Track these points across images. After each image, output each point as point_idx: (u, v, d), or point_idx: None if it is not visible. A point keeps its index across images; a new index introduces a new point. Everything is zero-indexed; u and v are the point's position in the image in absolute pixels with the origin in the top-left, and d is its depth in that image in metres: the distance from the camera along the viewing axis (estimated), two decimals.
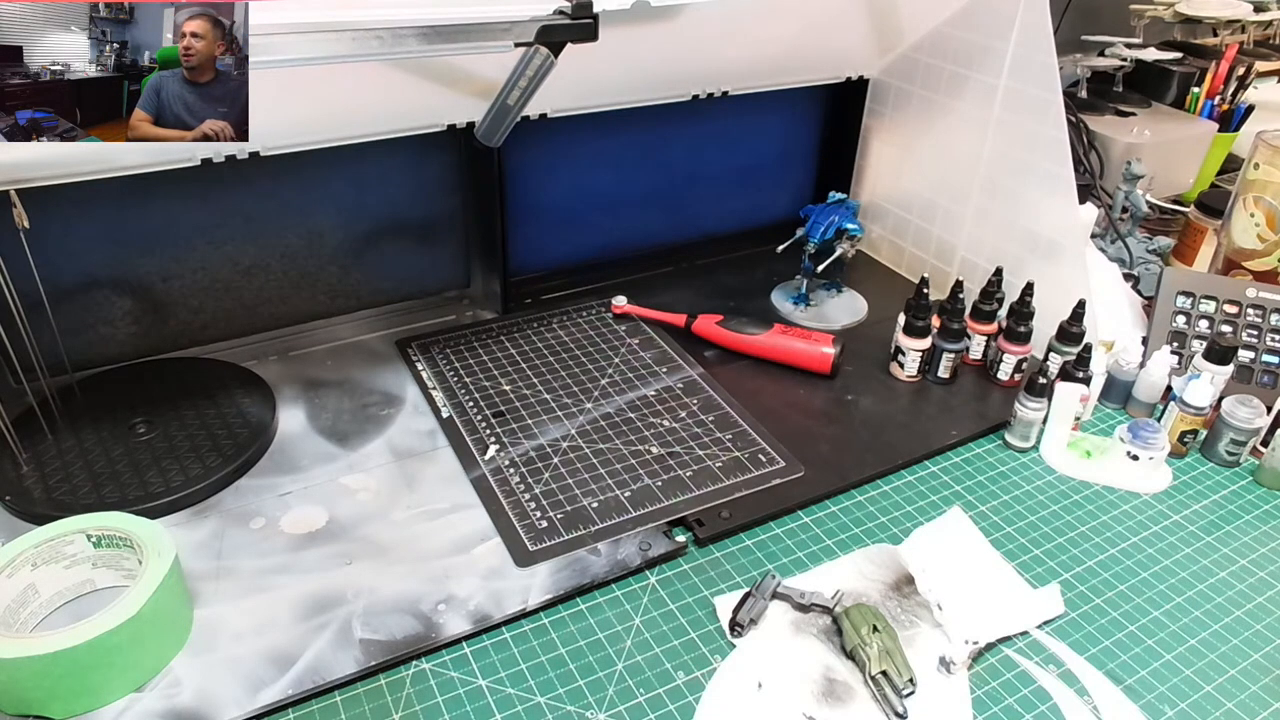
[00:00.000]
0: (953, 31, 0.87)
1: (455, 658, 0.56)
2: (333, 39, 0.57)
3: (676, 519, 0.66)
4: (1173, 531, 0.68)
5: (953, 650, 0.56)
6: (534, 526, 0.65)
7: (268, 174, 0.78)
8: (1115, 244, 1.01)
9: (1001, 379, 0.82)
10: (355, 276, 0.88)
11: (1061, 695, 0.55)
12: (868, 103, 1.01)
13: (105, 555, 0.58)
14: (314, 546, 0.63)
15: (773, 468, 0.71)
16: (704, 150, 1.00)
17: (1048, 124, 0.79)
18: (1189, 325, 0.84)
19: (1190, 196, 1.15)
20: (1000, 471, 0.73)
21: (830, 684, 0.55)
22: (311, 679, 0.53)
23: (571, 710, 0.53)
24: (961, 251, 0.92)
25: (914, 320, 0.80)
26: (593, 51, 0.65)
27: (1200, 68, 1.20)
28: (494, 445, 0.73)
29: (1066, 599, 0.61)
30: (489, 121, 0.69)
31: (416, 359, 0.83)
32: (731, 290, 0.97)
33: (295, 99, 0.62)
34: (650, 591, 0.61)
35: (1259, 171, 0.87)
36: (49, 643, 0.49)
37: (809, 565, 0.63)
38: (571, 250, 0.98)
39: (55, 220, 0.72)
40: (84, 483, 0.66)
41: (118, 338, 0.79)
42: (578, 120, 0.85)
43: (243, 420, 0.73)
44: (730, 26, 0.81)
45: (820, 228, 0.89)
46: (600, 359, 0.84)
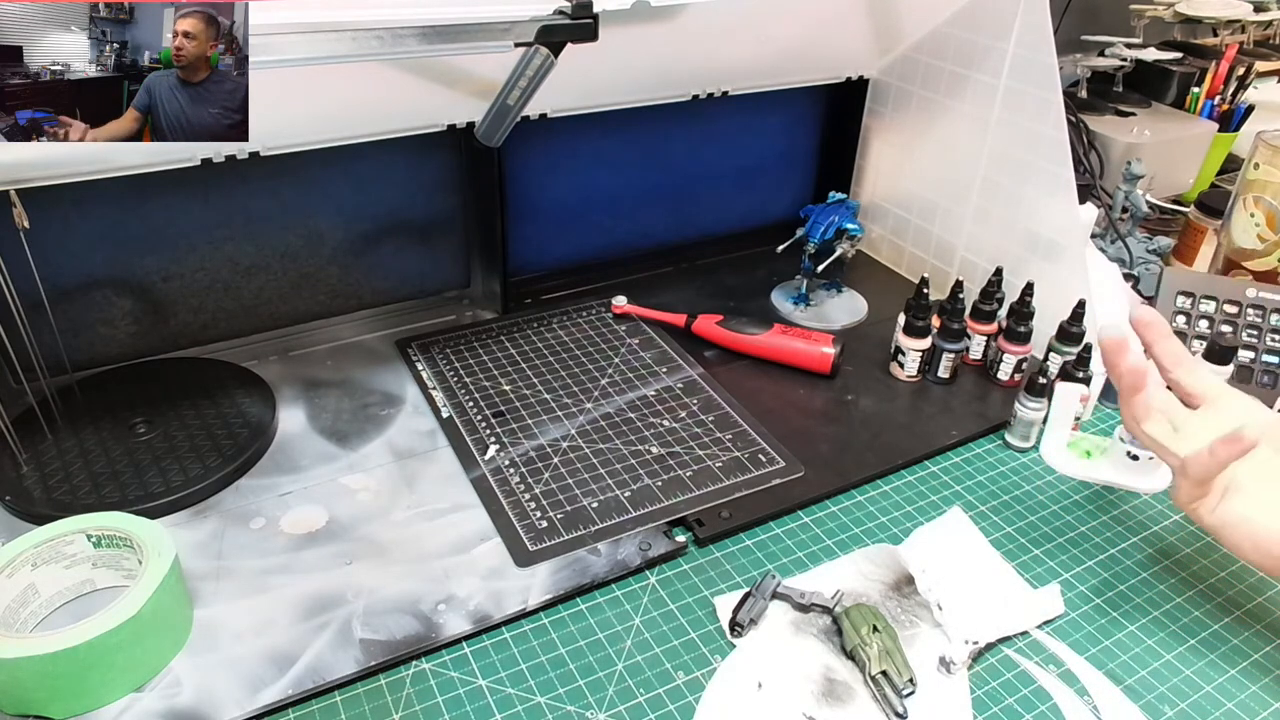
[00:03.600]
0: (953, 31, 0.87)
1: (455, 658, 0.56)
2: (333, 39, 0.57)
3: (676, 519, 0.66)
4: (1173, 531, 0.68)
5: (953, 650, 0.56)
6: (534, 526, 0.65)
7: (268, 174, 0.78)
8: (1115, 244, 1.01)
9: (1001, 379, 0.82)
10: (355, 276, 0.88)
11: (1061, 695, 0.55)
12: (868, 103, 1.01)
13: (105, 555, 0.58)
14: (314, 546, 0.63)
15: (773, 468, 0.71)
16: (704, 150, 1.00)
17: (1048, 124, 0.79)
18: (1189, 325, 0.84)
19: (1190, 196, 1.15)
20: (1000, 471, 0.73)
21: (830, 684, 0.55)
22: (311, 679, 0.53)
23: (571, 710, 0.53)
24: (961, 251, 0.92)
25: (914, 320, 0.80)
26: (593, 51, 0.65)
27: (1200, 68, 1.20)
28: (494, 445, 0.73)
29: (1066, 599, 0.61)
30: (489, 121, 0.69)
31: (416, 359, 0.83)
32: (731, 290, 0.97)
33: (295, 99, 0.62)
34: (650, 591, 0.61)
35: (1259, 171, 0.87)
36: (49, 643, 0.49)
37: (809, 565, 0.63)
38: (571, 250, 0.98)
39: (55, 220, 0.72)
40: (84, 483, 0.66)
41: (118, 338, 0.79)
42: (578, 120, 0.85)
43: (243, 420, 0.73)
44: (730, 26, 0.81)
45: (820, 228, 0.89)
46: (600, 359, 0.84)
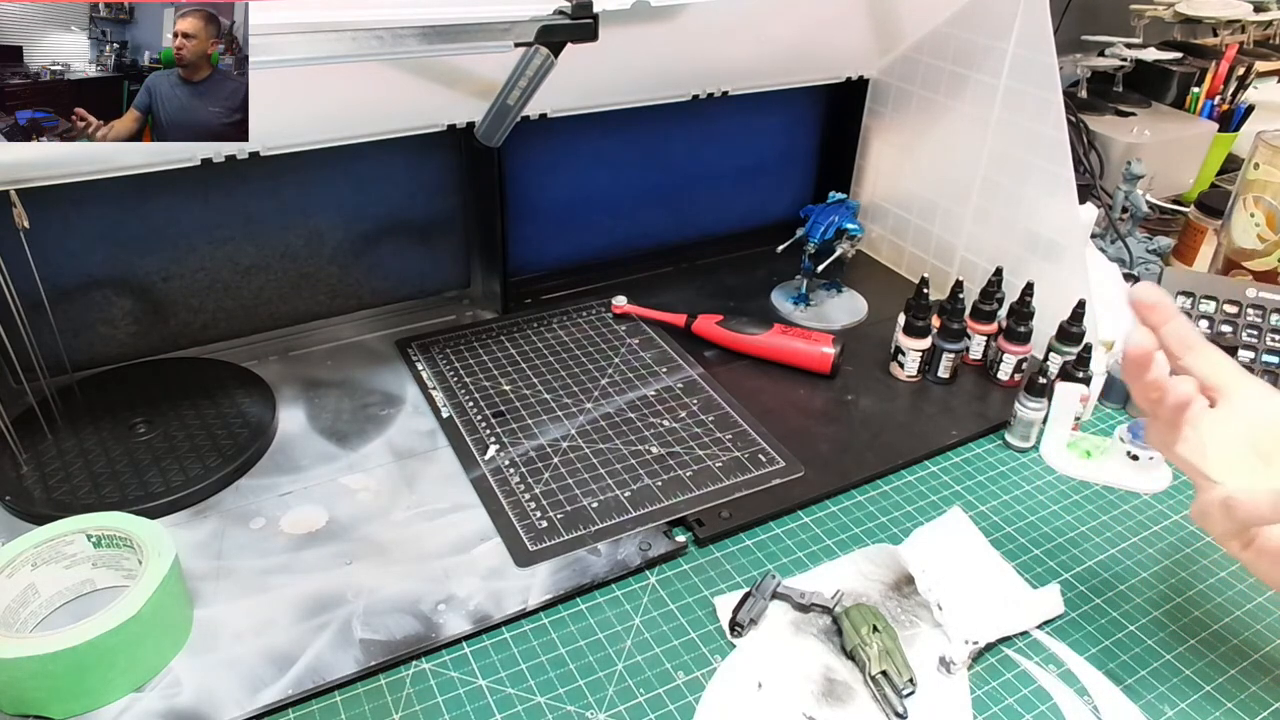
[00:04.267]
0: (953, 31, 0.87)
1: (455, 658, 0.56)
2: (333, 39, 0.57)
3: (676, 519, 0.66)
4: (1173, 531, 0.68)
5: (953, 650, 0.56)
6: (534, 526, 0.65)
7: (268, 174, 0.78)
8: (1115, 244, 1.01)
9: (1001, 379, 0.82)
10: (355, 276, 0.88)
11: (1061, 695, 0.55)
12: (868, 103, 1.01)
13: (105, 555, 0.58)
14: (314, 546, 0.63)
15: (773, 468, 0.71)
16: (704, 150, 1.00)
17: (1048, 124, 0.79)
18: None
19: (1190, 196, 1.15)
20: (1000, 471, 0.73)
21: (830, 684, 0.55)
22: (311, 679, 0.53)
23: (571, 710, 0.53)
24: (961, 251, 0.92)
25: (914, 320, 0.80)
26: (593, 51, 0.65)
27: (1200, 68, 1.20)
28: (494, 445, 0.73)
29: (1066, 599, 0.61)
30: (489, 121, 0.69)
31: (416, 359, 0.83)
32: (731, 290, 0.97)
33: (295, 99, 0.62)
34: (650, 591, 0.61)
35: (1259, 171, 0.87)
36: (49, 643, 0.49)
37: (809, 565, 0.63)
38: (571, 250, 0.98)
39: (55, 220, 0.72)
40: (84, 483, 0.66)
41: (118, 338, 0.79)
42: (578, 120, 0.85)
43: (243, 420, 0.73)
44: (730, 26, 0.81)
45: (820, 228, 0.89)
46: (600, 359, 0.84)
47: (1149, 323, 0.52)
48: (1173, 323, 0.52)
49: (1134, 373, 0.50)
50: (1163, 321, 0.52)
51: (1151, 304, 0.51)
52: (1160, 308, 0.52)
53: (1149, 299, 0.51)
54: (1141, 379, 0.50)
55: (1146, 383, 0.50)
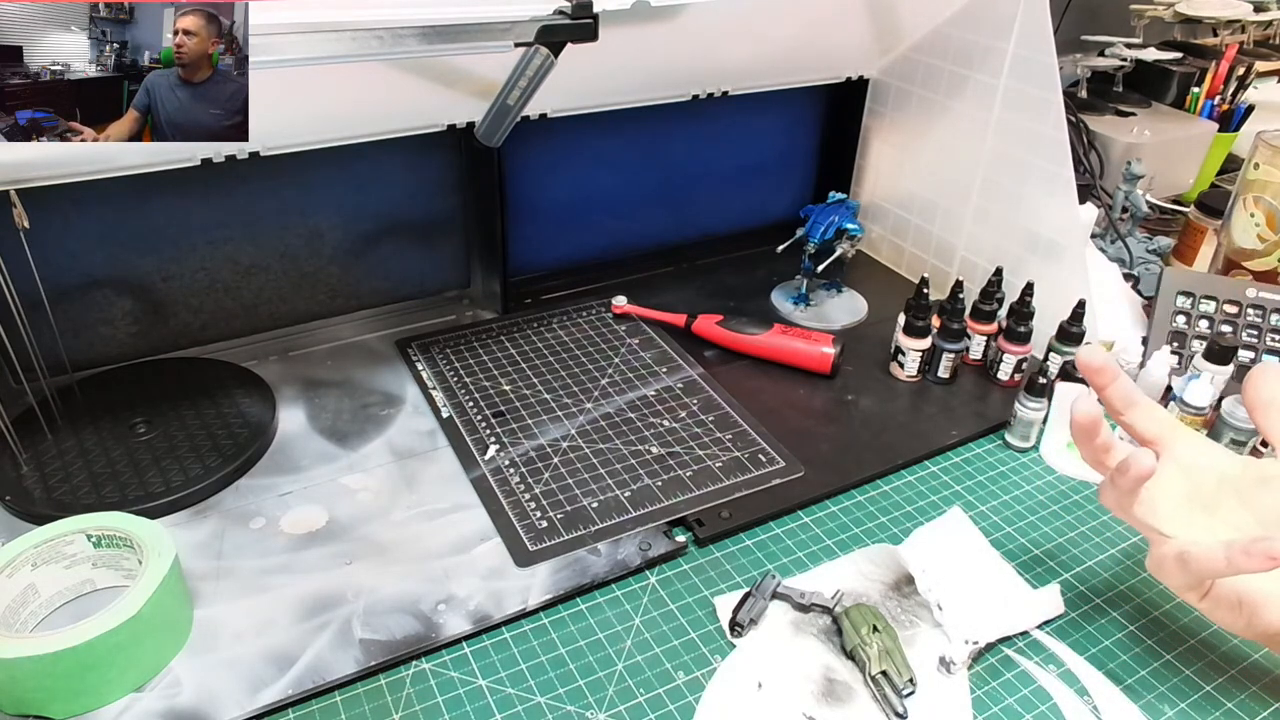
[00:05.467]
0: (953, 31, 0.87)
1: (455, 658, 0.56)
2: (333, 39, 0.57)
3: (676, 519, 0.66)
4: None
5: (953, 650, 0.56)
6: (534, 526, 0.65)
7: (268, 174, 0.78)
8: (1115, 244, 1.01)
9: (1001, 379, 0.82)
10: (355, 276, 0.88)
11: (1061, 695, 0.55)
12: (868, 103, 1.01)
13: (105, 555, 0.58)
14: (314, 546, 0.63)
15: (773, 468, 0.71)
16: (704, 150, 1.00)
17: (1048, 124, 0.79)
18: (1189, 325, 0.84)
19: (1190, 196, 1.15)
20: (1000, 471, 0.73)
21: (830, 684, 0.55)
22: (311, 679, 0.53)
23: (571, 710, 0.53)
24: (961, 251, 0.92)
25: (914, 320, 0.80)
26: (593, 51, 0.65)
27: (1200, 68, 1.20)
28: (494, 445, 0.73)
29: (1066, 599, 0.61)
30: (489, 121, 0.69)
31: (416, 359, 0.83)
32: (731, 290, 0.97)
33: (295, 99, 0.62)
34: (650, 591, 0.61)
35: (1259, 171, 0.87)
36: (49, 643, 0.49)
37: (809, 565, 0.63)
38: (571, 250, 0.98)
39: (55, 220, 0.72)
40: (84, 483, 0.66)
41: (118, 338, 0.79)
42: (578, 120, 0.85)
43: (243, 420, 0.73)
44: (730, 26, 0.81)
45: (820, 228, 0.89)
46: (600, 359, 0.84)
47: (1095, 384, 0.56)
48: (1116, 382, 0.55)
49: (1083, 438, 0.54)
50: (1107, 383, 0.55)
51: (1098, 367, 0.55)
52: (1105, 369, 0.55)
53: (1095, 363, 0.55)
54: (1091, 443, 0.54)
55: (1096, 445, 0.54)
